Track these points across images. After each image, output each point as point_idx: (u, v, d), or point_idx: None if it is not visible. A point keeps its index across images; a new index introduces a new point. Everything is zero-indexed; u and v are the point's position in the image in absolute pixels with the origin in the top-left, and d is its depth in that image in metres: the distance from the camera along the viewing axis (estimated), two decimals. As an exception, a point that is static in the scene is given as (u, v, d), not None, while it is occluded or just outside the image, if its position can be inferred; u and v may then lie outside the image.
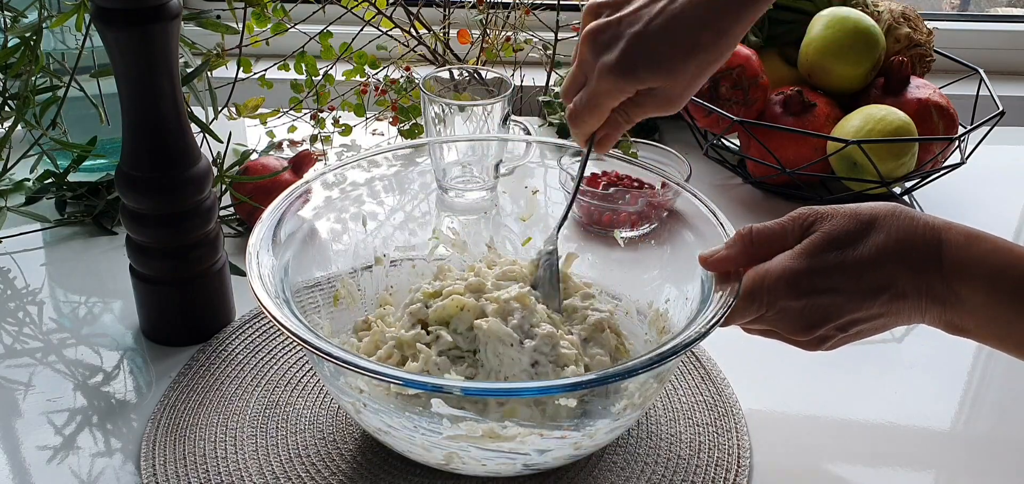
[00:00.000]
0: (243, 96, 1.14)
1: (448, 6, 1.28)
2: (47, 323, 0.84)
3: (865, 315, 0.62)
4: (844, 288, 0.62)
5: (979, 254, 0.60)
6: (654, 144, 1.05)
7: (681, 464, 0.69)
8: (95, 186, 1.00)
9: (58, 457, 0.70)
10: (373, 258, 0.78)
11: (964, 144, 1.05)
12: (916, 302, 0.61)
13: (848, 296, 0.62)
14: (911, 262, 0.61)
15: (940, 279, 0.60)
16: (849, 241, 0.62)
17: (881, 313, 0.62)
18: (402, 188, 0.83)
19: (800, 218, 0.65)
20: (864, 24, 1.07)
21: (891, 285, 0.61)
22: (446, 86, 1.11)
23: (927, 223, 0.62)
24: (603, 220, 0.88)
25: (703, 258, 0.66)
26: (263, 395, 0.75)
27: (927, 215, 0.62)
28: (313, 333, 0.59)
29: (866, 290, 0.61)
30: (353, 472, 0.68)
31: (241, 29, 1.07)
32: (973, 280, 0.60)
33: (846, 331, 0.64)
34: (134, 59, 0.70)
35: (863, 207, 0.63)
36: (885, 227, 0.62)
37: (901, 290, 0.61)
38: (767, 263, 0.64)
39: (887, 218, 0.62)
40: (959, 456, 0.73)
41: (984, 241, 0.60)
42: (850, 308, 0.62)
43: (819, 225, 0.63)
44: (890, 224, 0.62)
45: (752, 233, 0.65)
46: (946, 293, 0.60)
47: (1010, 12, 1.59)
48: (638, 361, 0.58)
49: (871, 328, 0.64)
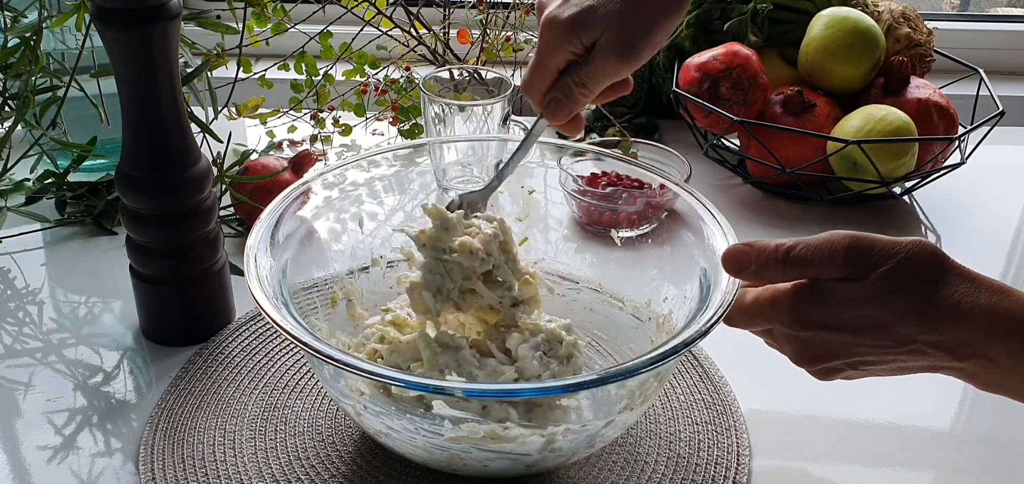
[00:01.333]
0: (243, 96, 1.14)
1: (448, 6, 1.28)
2: (47, 323, 0.84)
3: (876, 359, 0.60)
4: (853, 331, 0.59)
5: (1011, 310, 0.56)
6: (654, 144, 1.05)
7: (681, 462, 0.69)
8: (95, 186, 1.00)
9: (58, 457, 0.70)
10: (370, 260, 0.78)
11: (964, 144, 1.05)
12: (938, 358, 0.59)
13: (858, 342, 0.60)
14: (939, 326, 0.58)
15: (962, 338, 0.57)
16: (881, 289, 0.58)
17: (896, 361, 0.60)
18: (402, 188, 0.83)
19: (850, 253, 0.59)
20: (864, 24, 1.07)
21: (912, 342, 0.58)
22: (446, 86, 1.11)
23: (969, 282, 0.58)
24: (603, 220, 0.88)
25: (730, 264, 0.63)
26: (261, 397, 0.75)
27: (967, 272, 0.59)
28: (312, 335, 0.59)
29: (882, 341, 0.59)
30: (352, 474, 0.68)
31: (241, 29, 1.07)
32: (1008, 340, 0.56)
33: (855, 368, 0.62)
34: (134, 59, 0.70)
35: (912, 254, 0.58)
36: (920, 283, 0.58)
37: (921, 348, 0.59)
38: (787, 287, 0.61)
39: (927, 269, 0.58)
40: (959, 456, 0.73)
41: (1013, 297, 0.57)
42: (858, 352, 0.60)
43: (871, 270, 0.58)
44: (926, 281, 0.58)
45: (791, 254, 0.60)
46: (974, 355, 0.57)
47: (1010, 12, 1.59)
48: (638, 361, 0.58)
49: (887, 370, 0.62)
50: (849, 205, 1.06)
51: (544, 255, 0.83)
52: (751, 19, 1.13)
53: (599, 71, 0.63)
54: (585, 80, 0.64)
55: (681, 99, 1.10)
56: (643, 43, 0.62)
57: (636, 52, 0.63)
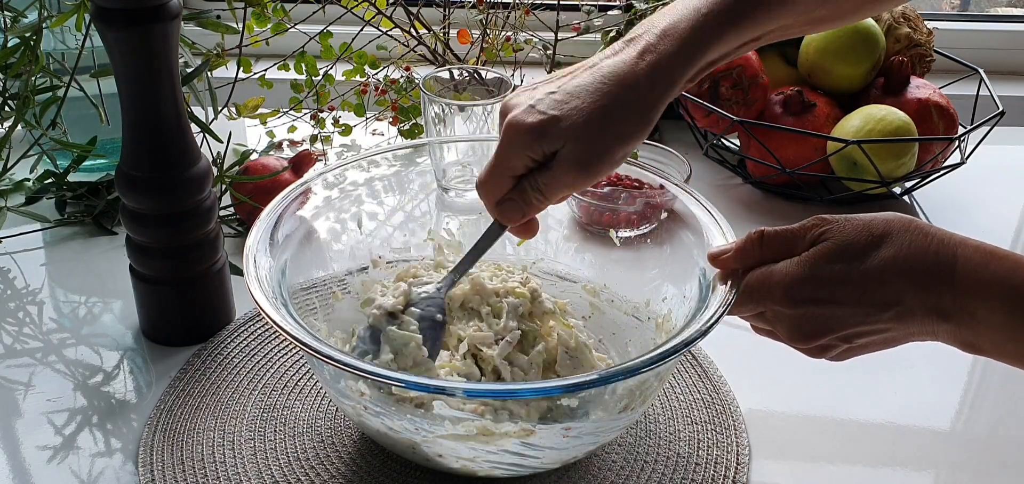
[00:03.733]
0: (243, 96, 1.14)
1: (448, 6, 1.28)
2: (47, 323, 0.85)
3: (869, 329, 0.61)
4: (845, 301, 0.60)
5: (999, 273, 0.58)
6: (654, 144, 1.05)
7: (681, 461, 0.69)
8: (95, 186, 1.00)
9: (58, 457, 0.70)
10: (370, 260, 0.78)
11: (964, 144, 1.05)
12: (924, 320, 0.60)
13: (850, 309, 0.60)
14: (919, 279, 0.59)
15: (951, 297, 0.58)
16: (856, 253, 0.60)
17: (887, 328, 0.61)
18: (402, 188, 0.83)
19: (813, 226, 0.63)
20: (864, 24, 1.07)
21: (897, 301, 0.60)
22: (446, 86, 1.11)
23: (941, 239, 0.60)
24: (603, 220, 0.88)
25: (712, 255, 0.66)
26: (261, 398, 0.75)
27: (942, 230, 0.61)
28: (312, 335, 0.59)
29: (870, 305, 0.60)
30: (352, 474, 0.68)
31: (241, 29, 1.07)
32: (991, 299, 0.58)
33: (850, 343, 0.63)
34: (134, 59, 0.71)
35: (876, 219, 0.62)
36: (895, 241, 0.60)
37: (908, 307, 0.59)
38: (772, 265, 0.63)
39: (898, 232, 0.60)
40: (959, 456, 0.73)
41: (1004, 259, 0.58)
42: (852, 321, 0.61)
43: (829, 235, 0.62)
44: (900, 238, 0.60)
45: (764, 236, 0.64)
46: (959, 312, 0.58)
47: (1010, 12, 1.59)
48: (638, 361, 0.58)
49: (880, 342, 0.62)
50: (849, 205, 1.06)
51: (544, 255, 0.83)
52: (751, 19, 1.13)
53: (558, 181, 0.62)
54: (543, 188, 0.63)
55: (681, 99, 1.10)
56: (604, 160, 0.62)
57: (596, 169, 0.62)
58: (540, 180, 0.63)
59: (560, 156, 0.61)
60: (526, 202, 0.64)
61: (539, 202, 0.64)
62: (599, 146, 0.61)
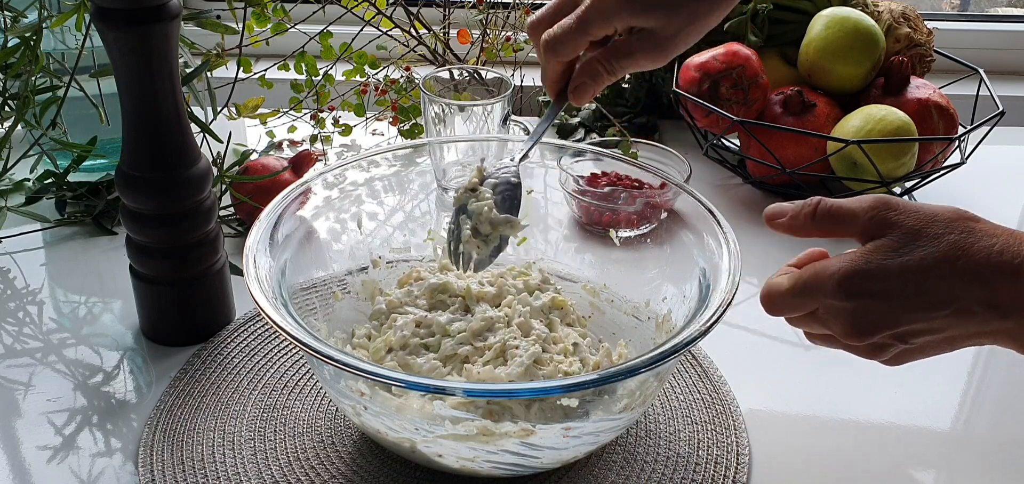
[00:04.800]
0: (243, 96, 1.14)
1: (448, 6, 1.28)
2: (47, 323, 0.85)
3: (924, 327, 0.59)
4: (899, 294, 0.58)
5: None
6: (654, 144, 1.05)
7: (681, 461, 0.69)
8: (95, 186, 1.00)
9: (58, 457, 0.70)
10: (370, 260, 0.78)
11: (964, 144, 1.05)
12: (984, 318, 0.57)
13: (903, 305, 0.58)
14: (980, 275, 0.57)
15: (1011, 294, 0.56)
16: (919, 246, 0.58)
17: (944, 328, 0.59)
18: (402, 188, 0.83)
19: (875, 211, 0.60)
20: (864, 24, 1.07)
21: (955, 298, 0.57)
22: (446, 86, 1.11)
23: (1008, 235, 0.57)
24: (603, 220, 0.88)
25: (770, 215, 0.65)
26: (261, 398, 0.75)
27: (1009, 228, 0.58)
28: (312, 335, 0.59)
29: (925, 300, 0.58)
30: (352, 474, 0.68)
31: (241, 29, 1.08)
32: None
33: (907, 343, 0.60)
34: (134, 59, 0.70)
35: (942, 211, 0.59)
36: (960, 236, 0.58)
37: (966, 304, 0.57)
38: (829, 260, 0.61)
39: (963, 227, 0.58)
40: (959, 456, 0.73)
41: None
42: (906, 318, 0.59)
43: (893, 223, 0.59)
44: (965, 234, 0.58)
45: (819, 208, 0.62)
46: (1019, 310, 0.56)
47: (1010, 12, 1.59)
48: (638, 360, 0.58)
49: (938, 342, 0.60)
50: (849, 205, 1.06)
51: (544, 255, 0.83)
52: (751, 19, 1.13)
53: (634, 61, 0.64)
54: (616, 68, 0.65)
55: (681, 99, 1.10)
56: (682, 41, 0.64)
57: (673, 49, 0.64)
58: (614, 62, 0.65)
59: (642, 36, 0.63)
60: (595, 79, 0.66)
61: (607, 82, 0.66)
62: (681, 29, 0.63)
